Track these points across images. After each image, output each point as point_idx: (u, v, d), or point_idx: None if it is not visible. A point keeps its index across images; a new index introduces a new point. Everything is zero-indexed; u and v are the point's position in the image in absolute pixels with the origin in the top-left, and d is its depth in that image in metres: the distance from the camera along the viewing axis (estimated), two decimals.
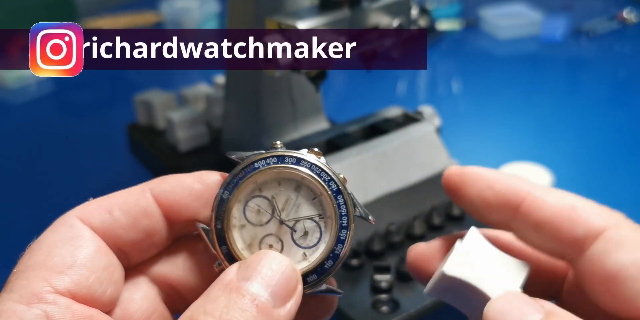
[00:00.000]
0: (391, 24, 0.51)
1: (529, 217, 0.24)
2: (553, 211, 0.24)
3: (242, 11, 0.54)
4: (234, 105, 0.61)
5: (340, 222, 0.25)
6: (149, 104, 0.69)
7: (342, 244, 0.25)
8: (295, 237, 0.25)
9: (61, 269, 0.22)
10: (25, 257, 0.23)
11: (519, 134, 0.78)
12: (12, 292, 0.22)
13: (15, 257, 0.24)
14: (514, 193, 0.24)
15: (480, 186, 0.25)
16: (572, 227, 0.23)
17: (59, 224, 0.24)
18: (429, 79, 0.94)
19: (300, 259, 0.25)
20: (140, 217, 0.25)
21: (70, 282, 0.22)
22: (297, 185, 0.25)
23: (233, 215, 0.25)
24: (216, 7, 1.03)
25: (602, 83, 0.93)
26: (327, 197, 0.25)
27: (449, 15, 1.05)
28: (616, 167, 0.71)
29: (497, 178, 0.25)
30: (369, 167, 0.54)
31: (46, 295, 0.21)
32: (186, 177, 0.26)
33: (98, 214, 0.24)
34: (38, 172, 0.73)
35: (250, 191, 0.25)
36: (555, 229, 0.24)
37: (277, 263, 0.23)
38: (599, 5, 1.13)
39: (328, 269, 0.25)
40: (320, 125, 0.63)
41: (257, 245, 0.25)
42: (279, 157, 0.25)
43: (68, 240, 0.23)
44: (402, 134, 0.57)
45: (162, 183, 0.26)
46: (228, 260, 0.25)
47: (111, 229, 0.24)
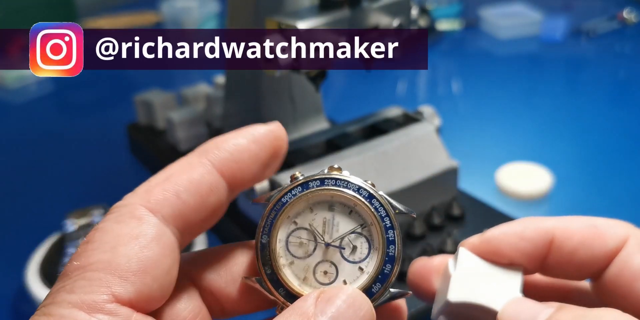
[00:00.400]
0: (391, 24, 0.51)
1: (562, 248, 0.25)
2: (582, 235, 0.25)
3: (242, 11, 0.54)
4: (234, 105, 0.61)
5: (384, 224, 0.25)
6: (149, 104, 0.69)
7: (393, 245, 0.25)
8: (346, 255, 0.25)
9: (125, 275, 0.21)
10: (88, 247, 0.22)
11: (519, 134, 0.78)
12: (73, 293, 0.21)
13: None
14: (545, 232, 0.25)
15: (511, 241, 0.25)
16: (603, 242, 0.25)
17: (126, 213, 0.23)
18: (429, 79, 0.94)
19: (358, 274, 0.25)
20: (207, 195, 0.24)
21: (133, 291, 0.21)
22: (329, 205, 0.25)
23: (278, 255, 0.25)
24: (216, 7, 1.03)
25: (602, 83, 0.93)
26: (363, 205, 0.25)
27: (449, 15, 1.05)
28: (616, 167, 0.71)
29: (522, 228, 0.26)
30: (369, 167, 0.54)
31: (108, 304, 0.21)
32: (239, 139, 0.25)
33: (166, 200, 0.23)
34: (38, 172, 0.73)
35: (286, 227, 0.25)
36: (589, 249, 0.25)
37: (357, 304, 0.23)
38: (599, 5, 1.13)
39: (389, 273, 0.24)
40: (320, 125, 0.63)
41: (312, 277, 0.25)
42: (302, 184, 0.25)
43: (134, 238, 0.22)
44: (402, 134, 0.57)
45: (218, 151, 0.24)
46: (290, 301, 0.24)
47: (183, 215, 0.23)
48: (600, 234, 0.25)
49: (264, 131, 0.25)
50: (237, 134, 0.25)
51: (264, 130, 0.25)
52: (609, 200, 0.64)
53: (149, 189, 0.23)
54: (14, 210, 0.67)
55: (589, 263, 0.25)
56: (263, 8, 0.52)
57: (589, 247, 0.25)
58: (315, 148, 0.58)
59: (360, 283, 0.25)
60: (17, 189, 0.71)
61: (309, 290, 0.25)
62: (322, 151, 0.57)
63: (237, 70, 0.59)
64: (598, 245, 0.25)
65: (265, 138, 0.25)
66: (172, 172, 0.24)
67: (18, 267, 0.54)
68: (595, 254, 0.25)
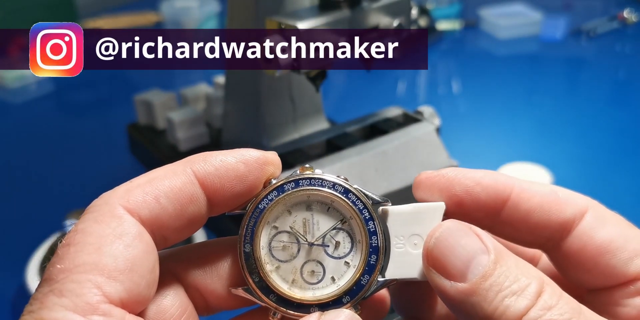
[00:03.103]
0: (391, 24, 0.51)
1: (519, 206, 0.25)
2: (541, 197, 0.25)
3: (242, 11, 0.54)
4: (234, 105, 0.61)
5: (364, 217, 0.25)
6: (149, 104, 0.69)
7: (375, 236, 0.25)
8: (330, 252, 0.25)
9: (113, 275, 0.21)
10: (71, 249, 0.22)
11: (519, 134, 0.78)
12: (63, 297, 0.21)
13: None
14: (503, 186, 0.25)
15: (467, 183, 0.25)
16: (562, 209, 0.25)
17: (105, 213, 0.22)
18: (429, 79, 0.94)
19: (345, 269, 0.25)
20: (187, 204, 0.23)
21: (123, 290, 0.21)
22: (307, 205, 0.25)
23: (264, 262, 0.25)
24: (216, 7, 1.03)
25: (602, 83, 0.93)
26: (340, 200, 0.25)
27: (449, 15, 1.05)
28: (616, 167, 0.71)
29: (482, 174, 0.25)
30: (369, 167, 0.54)
31: (101, 305, 0.21)
32: (228, 157, 0.24)
33: (145, 203, 0.23)
34: (38, 171, 0.73)
35: (267, 233, 0.25)
36: (546, 213, 0.25)
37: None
38: (599, 5, 1.13)
39: (375, 263, 0.25)
40: (320, 125, 0.63)
41: (300, 278, 0.25)
42: (276, 188, 0.25)
43: (118, 237, 0.22)
44: (402, 134, 0.57)
45: (205, 164, 0.24)
46: (282, 306, 0.24)
47: (159, 220, 0.23)
48: (559, 201, 0.25)
49: (256, 155, 0.25)
50: (228, 152, 0.25)
51: (256, 154, 0.25)
52: (609, 200, 0.64)
53: (130, 189, 0.23)
54: (14, 210, 0.67)
55: (542, 228, 0.25)
56: (263, 8, 0.52)
57: (546, 211, 0.25)
58: (315, 148, 0.58)
59: (349, 277, 0.25)
60: (17, 189, 0.71)
61: (299, 292, 0.25)
62: (322, 151, 0.57)
63: (237, 70, 0.59)
64: (555, 211, 0.25)
65: (257, 162, 0.24)
66: (155, 176, 0.24)
67: (18, 266, 0.54)
68: (552, 219, 0.25)
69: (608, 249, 0.24)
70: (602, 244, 0.24)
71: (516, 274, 0.22)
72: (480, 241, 0.23)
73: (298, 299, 0.24)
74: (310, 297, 0.24)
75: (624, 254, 0.24)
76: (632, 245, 0.24)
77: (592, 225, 0.25)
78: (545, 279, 0.23)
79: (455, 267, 0.23)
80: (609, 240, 0.24)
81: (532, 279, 0.22)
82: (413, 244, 0.25)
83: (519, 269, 0.23)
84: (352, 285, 0.24)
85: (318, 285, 0.25)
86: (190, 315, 0.25)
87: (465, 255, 0.23)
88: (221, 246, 0.26)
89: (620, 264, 0.24)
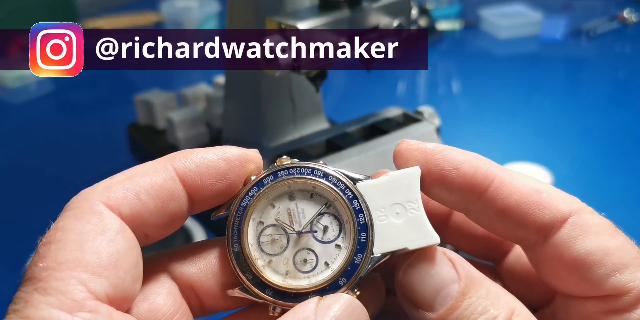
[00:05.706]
0: (391, 24, 0.51)
1: (496, 202, 0.24)
2: (521, 196, 0.24)
3: (242, 11, 0.54)
4: (234, 105, 0.61)
5: (347, 196, 0.25)
6: (149, 104, 0.69)
7: (362, 213, 0.25)
8: (319, 237, 0.25)
9: (97, 271, 0.21)
10: (52, 247, 0.21)
11: (519, 134, 0.78)
12: (48, 295, 0.20)
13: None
14: (482, 177, 0.24)
15: (443, 166, 0.24)
16: (540, 212, 0.23)
17: (85, 209, 0.22)
18: (429, 79, 0.94)
19: (337, 252, 0.25)
20: (168, 201, 0.23)
21: (108, 286, 0.21)
22: (289, 195, 0.25)
23: (255, 258, 0.25)
24: (216, 7, 1.03)
25: (602, 83, 0.93)
26: (321, 185, 0.25)
27: (449, 15, 1.05)
28: (616, 167, 0.71)
29: (463, 159, 0.24)
30: (369, 167, 0.54)
31: (87, 302, 0.20)
32: (209, 154, 0.24)
33: (126, 199, 0.23)
34: (38, 171, 0.73)
35: (254, 229, 0.25)
36: (523, 214, 0.24)
37: (355, 313, 0.23)
38: (599, 5, 1.13)
39: (365, 241, 0.24)
40: (320, 125, 0.63)
41: (293, 268, 0.25)
42: (256, 184, 0.25)
43: (99, 233, 0.22)
44: (402, 134, 0.57)
45: (186, 161, 0.24)
46: (280, 299, 0.24)
47: (139, 216, 0.23)
48: (540, 203, 0.23)
49: (237, 152, 0.25)
50: (209, 149, 0.25)
51: (237, 151, 0.25)
52: (609, 200, 0.64)
53: (110, 186, 0.23)
54: (14, 210, 0.67)
55: (516, 228, 0.24)
56: (263, 8, 0.52)
57: (523, 212, 0.23)
58: (315, 148, 0.58)
59: (342, 259, 0.25)
60: (17, 188, 0.71)
61: (294, 282, 0.25)
62: (322, 151, 0.58)
63: (237, 70, 0.59)
64: (533, 214, 0.23)
65: (238, 159, 0.24)
66: (135, 173, 0.24)
67: (18, 266, 0.54)
68: (528, 222, 0.23)
69: (584, 263, 0.23)
70: (579, 257, 0.23)
71: (485, 306, 0.22)
72: (452, 268, 0.23)
73: (294, 289, 0.24)
74: (306, 285, 0.24)
75: (601, 269, 0.23)
76: (611, 260, 0.23)
77: (571, 235, 0.23)
78: (518, 307, 0.23)
79: (423, 297, 0.23)
80: (586, 254, 0.23)
81: (501, 309, 0.22)
82: (395, 214, 0.24)
83: (488, 299, 0.22)
84: (347, 266, 0.24)
85: (313, 273, 0.25)
86: (184, 315, 0.25)
87: (434, 285, 0.23)
88: (215, 245, 0.26)
89: (596, 279, 0.23)
